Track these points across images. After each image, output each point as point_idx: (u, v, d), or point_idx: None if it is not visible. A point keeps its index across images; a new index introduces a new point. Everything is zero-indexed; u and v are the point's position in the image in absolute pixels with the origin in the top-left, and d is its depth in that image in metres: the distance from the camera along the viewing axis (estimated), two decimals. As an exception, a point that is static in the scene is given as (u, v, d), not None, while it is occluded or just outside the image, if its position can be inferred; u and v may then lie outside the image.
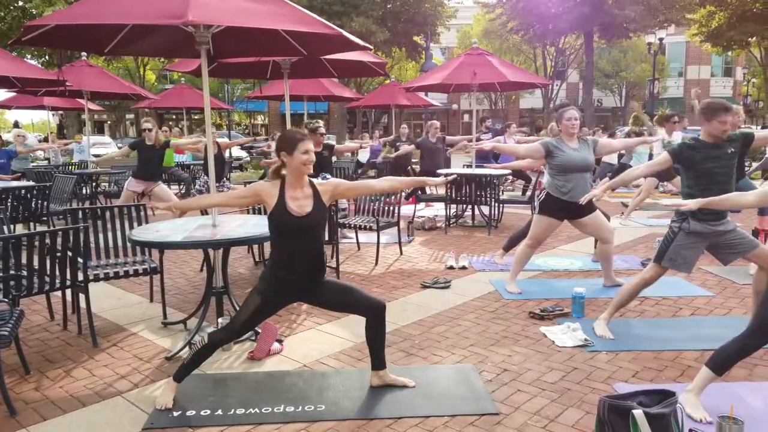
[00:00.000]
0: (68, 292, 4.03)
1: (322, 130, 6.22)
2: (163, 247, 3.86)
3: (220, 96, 27.00)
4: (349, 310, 3.17)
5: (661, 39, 22.32)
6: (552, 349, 3.71)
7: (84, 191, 9.36)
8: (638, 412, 2.30)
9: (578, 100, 39.05)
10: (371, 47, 4.10)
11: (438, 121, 8.66)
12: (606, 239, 4.91)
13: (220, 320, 3.76)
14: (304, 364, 3.54)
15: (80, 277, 3.79)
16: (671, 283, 4.97)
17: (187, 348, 3.72)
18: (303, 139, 2.89)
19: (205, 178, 8.56)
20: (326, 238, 5.11)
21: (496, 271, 5.67)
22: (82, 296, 3.94)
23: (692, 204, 3.06)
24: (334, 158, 7.37)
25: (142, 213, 4.66)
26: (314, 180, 3.03)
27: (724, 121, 3.46)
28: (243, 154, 22.55)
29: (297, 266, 2.95)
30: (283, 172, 2.96)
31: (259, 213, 5.68)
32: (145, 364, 3.55)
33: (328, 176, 5.96)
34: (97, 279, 4.06)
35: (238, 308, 3.96)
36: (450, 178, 3.45)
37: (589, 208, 4.82)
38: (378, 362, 3.16)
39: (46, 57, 17.73)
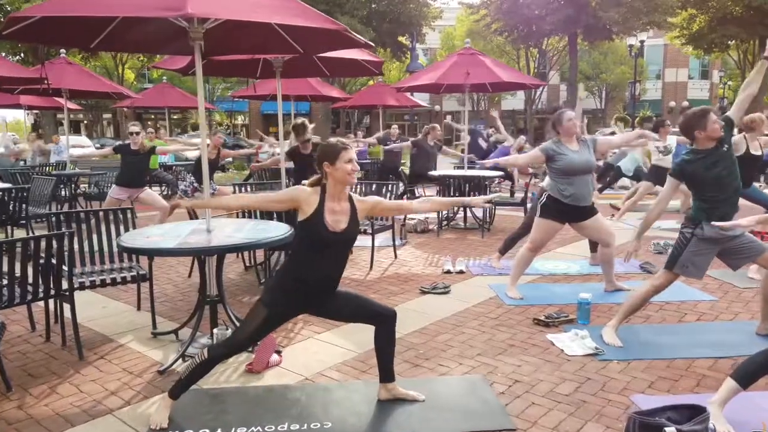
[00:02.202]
0: (51, 301, 3.80)
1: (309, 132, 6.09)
2: (155, 254, 3.67)
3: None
4: (358, 319, 3.00)
5: (642, 41, 22.55)
6: (562, 358, 3.59)
7: (63, 193, 9.04)
8: (671, 430, 2.18)
9: (559, 101, 39.47)
10: (372, 44, 3.95)
11: (438, 126, 8.53)
12: (607, 243, 4.82)
13: (215, 330, 3.57)
14: (305, 377, 3.36)
15: (65, 285, 3.57)
16: (673, 288, 4.87)
17: (180, 361, 3.53)
18: (346, 149, 2.73)
19: (191, 178, 8.33)
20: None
21: (494, 275, 5.55)
22: (65, 305, 3.73)
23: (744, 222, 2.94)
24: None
25: (129, 216, 4.44)
26: (354, 195, 2.86)
27: (714, 120, 3.48)
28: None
29: (314, 279, 2.78)
30: (324, 182, 2.77)
31: (250, 216, 5.50)
32: (136, 379, 3.35)
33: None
34: (82, 287, 3.83)
35: (233, 318, 3.82)
36: (491, 196, 3.33)
37: (591, 211, 4.73)
38: (387, 375, 3.00)
39: (22, 54, 17.22)
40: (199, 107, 3.61)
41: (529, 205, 8.09)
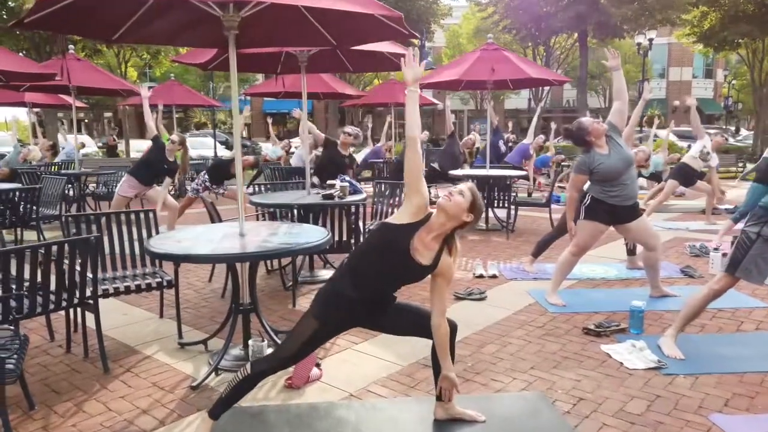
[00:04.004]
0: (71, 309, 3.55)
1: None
2: (190, 261, 3.40)
3: (202, 94, 26.32)
4: (416, 333, 2.75)
5: (650, 39, 22.28)
6: (622, 372, 3.34)
7: (71, 193, 8.79)
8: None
9: (562, 101, 39.18)
10: (417, 35, 3.69)
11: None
12: (653, 246, 4.58)
13: (250, 342, 3.33)
14: (350, 393, 3.12)
15: (87, 293, 3.33)
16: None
17: (213, 375, 3.28)
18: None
19: (204, 176, 8.08)
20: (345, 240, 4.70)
21: (529, 279, 5.31)
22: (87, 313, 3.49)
23: None
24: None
25: (151, 218, 4.20)
26: (456, 245, 2.57)
27: None
28: (228, 153, 21.95)
29: (374, 289, 2.54)
30: (435, 214, 2.48)
31: (273, 218, 5.25)
32: (167, 395, 3.10)
33: (347, 178, 5.54)
34: (105, 295, 3.59)
35: (267, 328, 3.57)
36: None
37: (636, 212, 4.50)
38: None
39: (24, 51, 16.92)
40: (233, 104, 3.35)
41: (554, 206, 7.89)
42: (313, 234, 3.41)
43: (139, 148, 21.79)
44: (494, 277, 5.38)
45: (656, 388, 3.12)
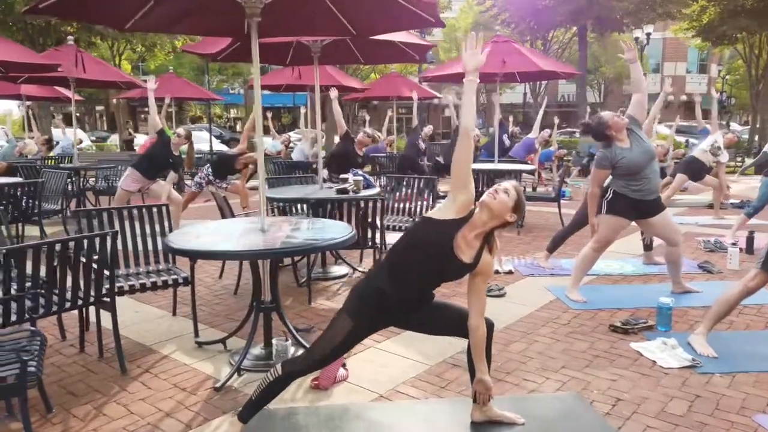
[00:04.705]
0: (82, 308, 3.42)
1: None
2: (216, 257, 3.29)
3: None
4: (452, 332, 2.65)
5: (648, 34, 22.23)
6: (657, 371, 3.26)
7: (70, 188, 8.60)
8: None
9: (557, 96, 39.14)
10: (444, 23, 3.57)
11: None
12: (675, 241, 4.50)
13: (274, 341, 3.22)
14: (380, 393, 3.01)
15: (104, 290, 3.20)
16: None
17: (236, 375, 3.16)
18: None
19: (208, 170, 7.94)
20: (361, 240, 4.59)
21: (546, 275, 5.23)
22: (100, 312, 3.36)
23: None
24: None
25: (164, 213, 4.07)
26: (496, 243, 2.49)
27: None
28: (224, 148, 21.78)
29: (414, 287, 2.44)
30: (478, 212, 2.39)
31: (283, 213, 5.13)
32: (190, 397, 2.98)
33: (360, 171, 5.42)
34: (121, 292, 3.46)
35: (290, 327, 3.46)
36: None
37: (659, 206, 4.41)
38: (483, 394, 2.65)
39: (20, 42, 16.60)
40: (255, 98, 3.21)
41: (563, 201, 7.81)
42: (337, 229, 3.29)
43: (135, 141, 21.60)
44: (510, 273, 5.29)
45: (695, 388, 3.04)
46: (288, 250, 2.95)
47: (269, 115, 12.36)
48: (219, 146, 21.96)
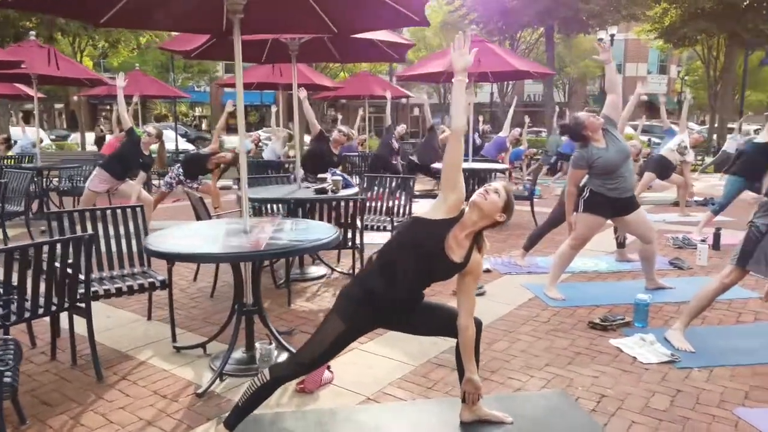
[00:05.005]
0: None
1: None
2: (201, 260, 3.21)
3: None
4: (442, 333, 2.64)
5: (612, 35, 22.70)
6: (637, 366, 3.31)
7: (33, 189, 8.29)
8: None
9: (524, 95, 39.69)
10: (428, 24, 3.55)
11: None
12: (649, 238, 4.59)
13: (258, 346, 3.15)
14: (366, 396, 2.98)
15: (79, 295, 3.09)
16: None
17: (218, 381, 3.09)
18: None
19: (179, 170, 7.78)
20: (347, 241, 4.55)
21: (523, 273, 5.28)
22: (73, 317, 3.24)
23: None
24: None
25: (140, 214, 3.95)
26: (485, 244, 2.49)
27: None
28: (190, 147, 21.39)
29: (406, 286, 2.42)
30: (468, 212, 2.39)
31: (260, 213, 5.05)
32: (171, 404, 2.90)
33: (338, 171, 5.38)
34: (96, 297, 3.34)
35: (273, 330, 3.40)
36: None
37: (634, 204, 4.50)
38: (472, 394, 2.65)
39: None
40: (238, 96, 3.14)
41: (535, 199, 7.90)
42: (322, 230, 3.25)
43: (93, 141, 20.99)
44: (488, 271, 5.31)
45: (675, 383, 3.10)
46: (276, 251, 2.90)
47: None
48: (185, 145, 21.57)
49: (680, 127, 8.17)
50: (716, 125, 22.76)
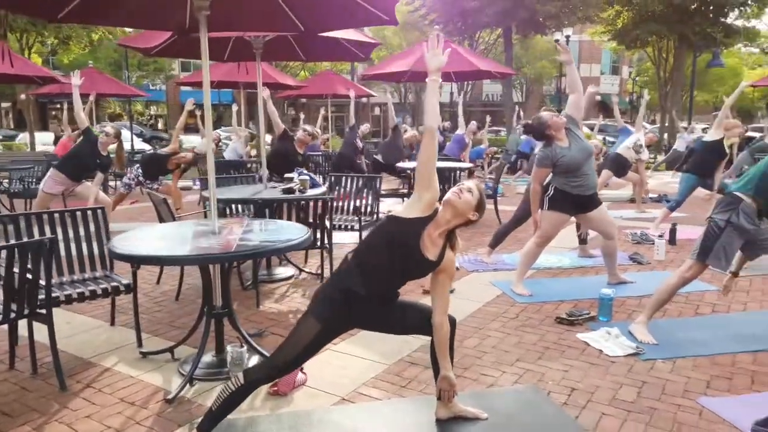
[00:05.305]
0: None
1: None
2: (173, 263, 3.12)
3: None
4: (417, 331, 2.65)
5: (567, 36, 23.25)
6: (604, 359, 3.40)
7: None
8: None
9: (482, 95, 40.24)
10: (397, 23, 3.56)
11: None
12: (611, 234, 4.72)
13: (229, 349, 3.09)
14: (341, 396, 2.97)
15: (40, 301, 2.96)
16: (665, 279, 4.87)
17: (188, 386, 3.02)
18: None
19: (138, 170, 7.60)
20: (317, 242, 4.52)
21: (490, 271, 5.35)
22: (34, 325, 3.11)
23: None
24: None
25: (101, 216, 3.82)
26: (457, 242, 2.52)
27: None
28: (146, 146, 20.88)
29: (383, 285, 2.42)
30: (442, 210, 2.41)
31: (224, 214, 4.95)
32: (140, 411, 2.82)
33: (304, 171, 5.33)
34: (57, 303, 3.22)
35: (244, 333, 3.35)
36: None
37: (596, 201, 4.61)
38: (447, 390, 2.67)
39: None
40: (205, 95, 3.08)
41: (498, 198, 8.01)
42: (292, 230, 3.22)
43: (44, 141, 20.25)
44: (456, 269, 5.34)
45: (641, 374, 3.19)
46: (248, 252, 2.85)
47: (198, 113, 11.94)
48: (141, 145, 21.03)
49: (636, 126, 8.42)
50: (667, 124, 23.61)
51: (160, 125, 37.94)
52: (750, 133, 15.34)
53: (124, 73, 24.57)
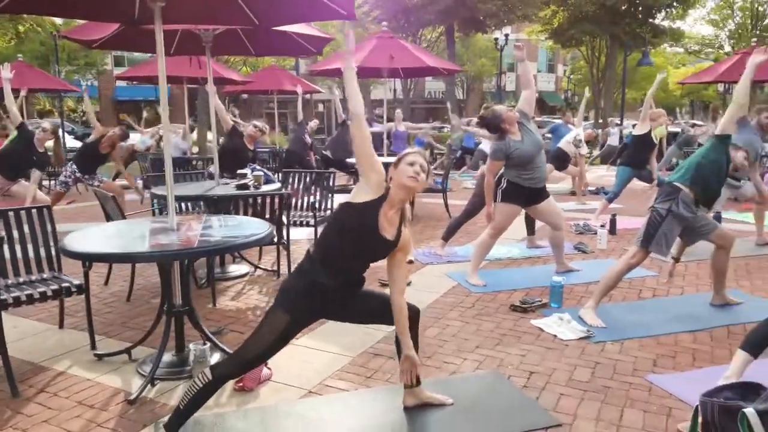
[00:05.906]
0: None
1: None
2: (132, 260, 3.03)
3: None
4: (382, 319, 2.68)
5: (506, 35, 23.87)
6: (558, 343, 3.56)
7: None
8: (750, 411, 2.17)
9: (425, 92, 40.75)
10: (356, 18, 3.57)
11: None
12: (559, 225, 4.92)
13: (192, 347, 3.05)
14: (308, 390, 2.98)
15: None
16: (608, 266, 5.12)
17: (149, 386, 2.96)
18: (409, 153, 2.48)
19: (73, 167, 7.26)
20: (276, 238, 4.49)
21: (444, 263, 5.46)
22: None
23: None
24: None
25: (46, 215, 3.67)
26: (407, 217, 2.54)
27: None
28: (79, 144, 19.96)
29: (348, 273, 2.46)
30: (396, 190, 2.43)
31: (185, 210, 4.86)
32: (101, 413, 2.74)
33: (258, 167, 5.27)
34: (5, 306, 3.07)
35: (206, 330, 3.30)
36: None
37: (545, 193, 4.79)
38: (413, 379, 2.73)
39: None
40: (161, 90, 3.00)
41: (449, 192, 8.17)
42: (254, 226, 3.20)
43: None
44: (410, 262, 5.44)
45: (593, 356, 3.36)
46: (212, 248, 2.81)
47: (145, 109, 11.57)
48: (73, 142, 20.08)
49: (576, 121, 8.77)
50: (600, 121, 24.63)
51: (92, 122, 36.30)
52: (671, 128, 16.20)
53: (53, 67, 23.35)
